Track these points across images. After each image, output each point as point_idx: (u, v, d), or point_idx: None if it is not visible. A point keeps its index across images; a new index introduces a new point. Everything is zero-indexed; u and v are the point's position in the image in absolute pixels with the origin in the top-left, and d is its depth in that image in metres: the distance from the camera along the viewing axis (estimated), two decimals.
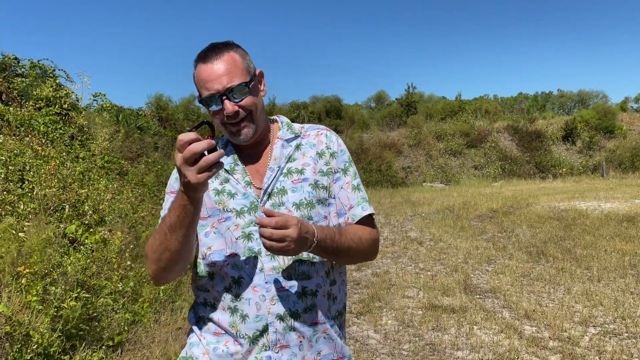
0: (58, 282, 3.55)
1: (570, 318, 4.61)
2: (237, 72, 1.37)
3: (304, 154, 1.49)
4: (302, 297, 1.37)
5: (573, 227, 9.21)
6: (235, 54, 1.39)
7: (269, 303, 1.35)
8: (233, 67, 1.37)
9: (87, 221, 5.10)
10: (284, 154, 1.47)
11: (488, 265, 6.76)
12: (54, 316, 3.25)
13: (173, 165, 14.04)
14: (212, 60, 1.36)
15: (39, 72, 9.78)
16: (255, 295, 1.36)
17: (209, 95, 1.36)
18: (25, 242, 3.74)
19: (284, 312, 1.35)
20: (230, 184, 1.44)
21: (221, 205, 1.42)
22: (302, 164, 1.47)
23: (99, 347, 3.47)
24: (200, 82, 1.38)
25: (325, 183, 1.47)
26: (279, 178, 1.44)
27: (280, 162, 1.45)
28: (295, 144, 1.50)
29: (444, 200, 14.24)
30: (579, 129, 25.82)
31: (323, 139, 1.52)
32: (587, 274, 6.12)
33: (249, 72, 1.41)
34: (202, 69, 1.37)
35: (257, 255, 1.37)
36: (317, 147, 1.50)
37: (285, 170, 1.45)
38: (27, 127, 7.60)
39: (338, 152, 1.52)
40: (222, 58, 1.37)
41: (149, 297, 4.55)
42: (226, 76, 1.35)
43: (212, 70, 1.36)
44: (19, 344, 2.97)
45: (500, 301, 5.19)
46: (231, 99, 1.36)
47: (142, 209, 6.83)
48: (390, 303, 5.20)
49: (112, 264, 4.43)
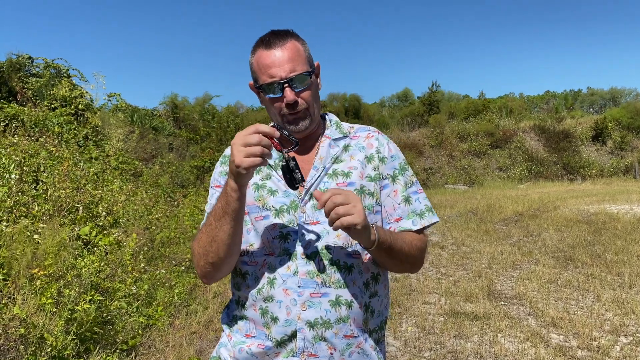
0: (72, 285, 3.62)
1: (600, 327, 4.53)
2: (300, 61, 1.35)
3: (351, 157, 1.45)
4: (335, 307, 1.34)
5: (603, 231, 9.06)
6: (298, 43, 1.38)
7: (299, 308, 1.33)
8: (296, 55, 1.35)
9: (101, 223, 5.18)
10: (330, 154, 1.43)
11: (513, 271, 6.69)
12: (68, 319, 3.31)
13: (188, 166, 14.13)
14: (275, 46, 1.34)
15: (53, 71, 9.98)
16: (287, 299, 1.34)
17: (270, 81, 1.34)
18: (40, 244, 3.82)
19: (314, 319, 1.33)
20: (272, 181, 1.42)
21: (260, 203, 1.40)
22: (348, 167, 1.42)
23: (112, 351, 3.52)
24: (261, 68, 1.35)
25: (372, 189, 1.42)
26: (323, 179, 1.40)
27: (325, 162, 1.42)
28: (343, 144, 1.46)
29: (467, 203, 14.12)
30: (609, 129, 25.39)
31: (373, 142, 1.48)
32: (618, 281, 6.01)
33: (310, 62, 1.40)
34: (264, 55, 1.35)
35: (293, 257, 1.35)
36: (366, 150, 1.46)
37: (330, 171, 1.42)
38: (41, 127, 7.76)
39: (388, 157, 1.47)
40: (286, 45, 1.35)
41: (164, 301, 4.61)
42: (289, 64, 1.33)
43: (275, 57, 1.34)
44: (34, 346, 3.04)
45: (525, 308, 5.14)
46: (293, 88, 1.34)
47: (157, 210, 6.92)
48: (411, 309, 5.18)
49: (126, 267, 4.50)
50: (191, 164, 13.56)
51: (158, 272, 5.03)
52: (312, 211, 1.37)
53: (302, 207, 1.37)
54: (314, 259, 1.34)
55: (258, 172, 1.44)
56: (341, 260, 1.35)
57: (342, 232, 1.36)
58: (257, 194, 1.41)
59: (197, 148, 16.10)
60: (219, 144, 16.05)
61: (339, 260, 1.35)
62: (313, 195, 1.23)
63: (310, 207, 1.37)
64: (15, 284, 3.44)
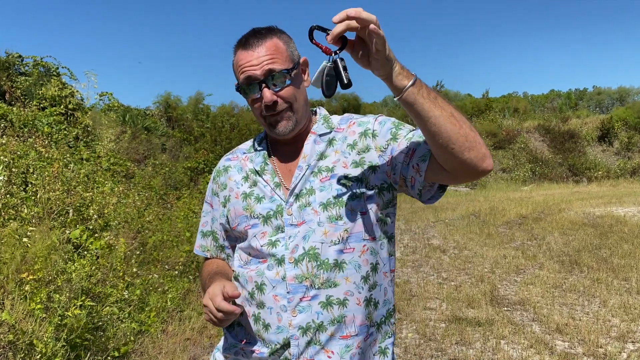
0: (62, 290, 3.62)
1: (607, 333, 4.55)
2: (279, 58, 1.34)
3: (335, 151, 1.43)
4: (327, 308, 1.34)
5: (610, 234, 9.08)
6: (279, 40, 1.37)
7: (290, 315, 1.34)
8: (275, 52, 1.34)
9: (92, 226, 5.18)
10: (315, 151, 1.42)
11: (517, 276, 6.70)
12: (58, 325, 3.31)
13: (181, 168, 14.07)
14: (253, 45, 1.34)
15: (42, 70, 9.98)
16: (277, 305, 1.35)
17: (247, 82, 1.35)
18: (30, 247, 3.82)
19: (306, 324, 1.33)
20: (258, 187, 1.43)
21: (248, 211, 1.42)
22: (332, 162, 1.41)
23: (104, 358, 3.53)
24: (238, 67, 1.36)
25: (358, 175, 1.38)
26: (309, 177, 1.40)
27: (310, 160, 1.41)
28: (328, 139, 1.45)
29: (469, 206, 14.14)
30: (616, 129, 25.43)
31: (356, 129, 1.45)
32: (625, 286, 6.03)
33: (292, 59, 1.38)
34: (241, 55, 1.36)
35: (281, 262, 1.36)
36: (349, 139, 1.43)
37: (315, 169, 1.40)
38: (30, 127, 7.76)
39: (378, 128, 1.41)
40: (264, 43, 1.34)
41: (156, 306, 4.61)
42: (266, 62, 1.33)
43: (251, 56, 1.34)
44: (22, 353, 3.04)
45: (529, 314, 5.15)
46: (270, 87, 1.33)
47: (149, 213, 6.92)
48: (411, 315, 5.19)
49: (117, 271, 4.50)
50: (185, 166, 13.56)
51: (150, 277, 5.03)
52: (298, 212, 1.37)
53: (288, 209, 1.38)
54: (301, 261, 1.34)
55: (246, 180, 1.47)
56: (330, 258, 1.34)
57: (330, 228, 1.34)
58: (245, 203, 1.43)
59: (190, 149, 16.09)
60: (213, 145, 16.04)
61: (328, 260, 1.34)
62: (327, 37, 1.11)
63: (296, 208, 1.37)
64: (4, 289, 3.44)
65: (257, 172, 1.45)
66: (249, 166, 1.49)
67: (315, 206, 1.36)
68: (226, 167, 1.54)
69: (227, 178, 1.51)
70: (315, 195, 1.37)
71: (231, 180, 1.50)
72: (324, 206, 1.36)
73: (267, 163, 1.45)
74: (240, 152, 1.56)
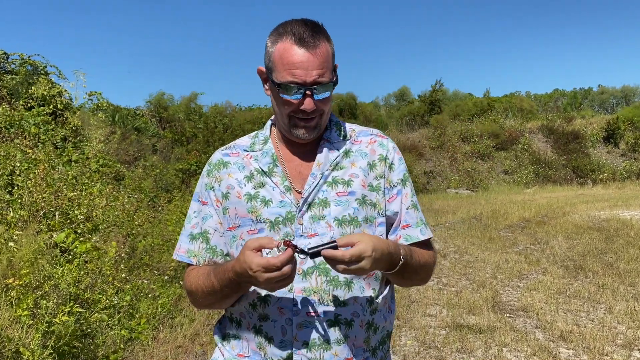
0: (50, 296, 3.61)
1: (612, 340, 4.57)
2: (327, 68, 1.34)
3: (352, 163, 1.42)
4: (334, 326, 1.33)
5: (615, 238, 9.11)
6: (328, 46, 1.36)
7: (295, 329, 1.32)
8: (326, 61, 1.33)
9: (80, 229, 5.18)
10: (329, 159, 1.42)
11: (519, 281, 6.72)
12: (45, 332, 3.30)
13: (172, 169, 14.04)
14: (307, 46, 1.31)
15: (29, 68, 9.97)
16: (282, 318, 1.33)
17: (292, 83, 1.31)
18: (16, 252, 3.81)
19: (311, 340, 1.32)
20: (266, 189, 1.39)
21: (253, 215, 1.38)
22: (349, 175, 1.41)
23: None
24: (285, 63, 1.32)
25: (373, 200, 1.41)
26: (322, 187, 1.39)
27: (324, 169, 1.40)
28: (344, 149, 1.44)
29: (470, 209, 14.17)
30: (622, 129, 25.53)
31: (377, 148, 1.46)
32: (631, 291, 6.06)
33: (334, 68, 1.38)
34: (292, 51, 1.31)
35: None
36: (369, 156, 1.44)
37: (330, 179, 1.40)
38: (17, 128, 7.75)
39: (396, 162, 1.46)
40: (319, 48, 1.32)
41: (147, 313, 4.61)
42: (318, 70, 1.31)
43: (304, 58, 1.31)
44: None
45: (532, 320, 5.17)
46: (314, 96, 1.33)
47: (139, 216, 6.92)
48: (410, 322, 5.20)
49: (106, 276, 4.50)
50: (176, 167, 13.56)
51: (141, 283, 5.02)
52: (309, 222, 1.35)
53: (300, 218, 1.36)
54: (310, 274, 1.33)
55: (250, 180, 1.42)
56: (341, 276, 1.34)
57: None
58: (250, 205, 1.38)
59: (182, 150, 16.09)
60: (205, 146, 16.04)
61: (338, 277, 1.34)
62: (323, 255, 1.21)
63: (307, 218, 1.36)
64: None
65: (264, 172, 1.41)
66: (253, 165, 1.44)
67: (330, 220, 1.36)
68: (225, 162, 1.47)
69: (226, 174, 1.44)
70: (330, 209, 1.36)
71: (231, 177, 1.43)
72: (339, 222, 1.36)
73: (276, 164, 1.42)
74: (240, 148, 1.49)
